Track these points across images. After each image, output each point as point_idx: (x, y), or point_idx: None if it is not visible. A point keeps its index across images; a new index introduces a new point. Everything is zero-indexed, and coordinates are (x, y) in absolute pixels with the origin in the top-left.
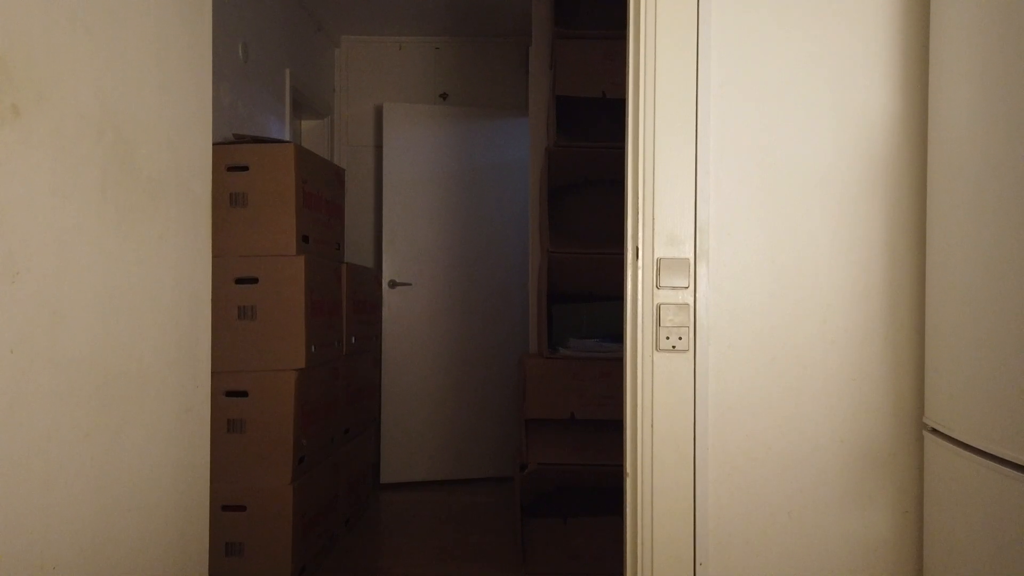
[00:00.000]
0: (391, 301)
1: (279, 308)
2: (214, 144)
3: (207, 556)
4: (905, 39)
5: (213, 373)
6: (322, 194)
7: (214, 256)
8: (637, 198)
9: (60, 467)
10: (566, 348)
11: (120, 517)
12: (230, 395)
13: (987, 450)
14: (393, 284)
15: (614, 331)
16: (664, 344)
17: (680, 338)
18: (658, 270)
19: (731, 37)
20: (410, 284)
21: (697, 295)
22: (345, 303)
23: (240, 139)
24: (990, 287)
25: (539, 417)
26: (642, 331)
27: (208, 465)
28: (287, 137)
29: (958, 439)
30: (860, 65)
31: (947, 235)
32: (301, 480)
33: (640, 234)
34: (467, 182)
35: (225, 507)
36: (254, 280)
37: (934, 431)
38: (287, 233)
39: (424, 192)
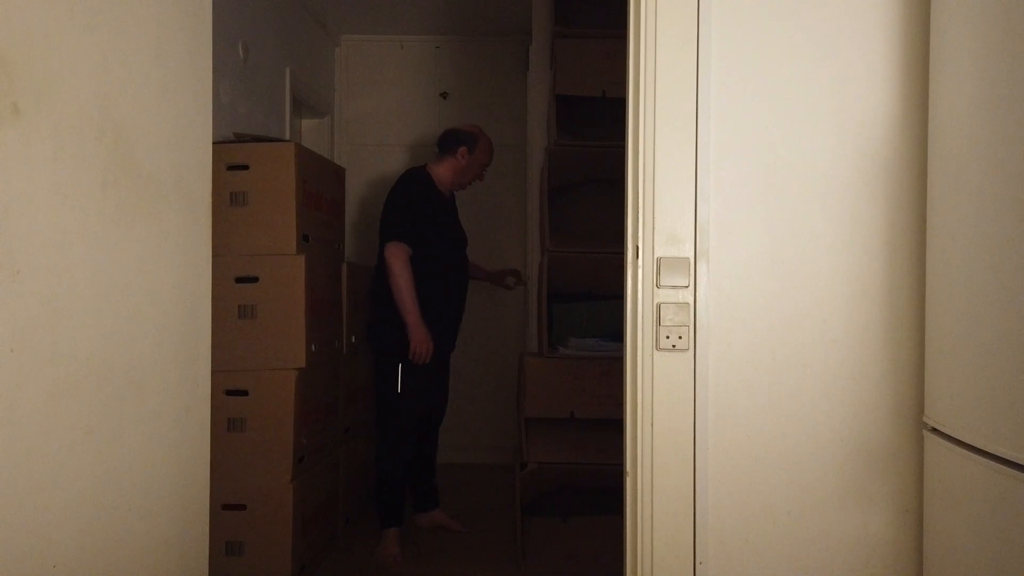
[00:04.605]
0: None
1: (279, 307)
2: (214, 143)
3: (207, 555)
4: (905, 39)
5: (213, 372)
6: (322, 193)
7: (214, 255)
8: (637, 197)
9: (60, 466)
10: (566, 347)
11: (120, 516)
12: (230, 394)
13: (987, 449)
14: None
15: (614, 330)
16: (664, 343)
17: (680, 337)
18: (658, 269)
19: (731, 37)
20: None
21: (697, 294)
22: (345, 302)
23: (240, 138)
24: (990, 287)
25: (539, 416)
26: (642, 330)
27: (208, 464)
28: (287, 136)
29: (958, 439)
30: (861, 65)
31: (947, 235)
32: (301, 479)
33: (640, 233)
34: None
35: (225, 506)
36: (254, 279)
37: (934, 430)
38: (287, 232)
39: None
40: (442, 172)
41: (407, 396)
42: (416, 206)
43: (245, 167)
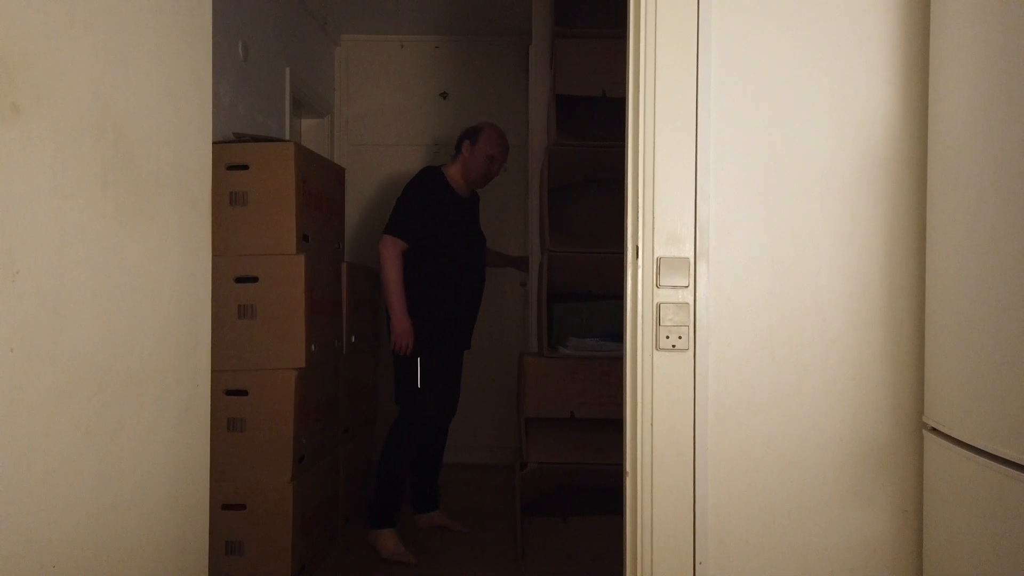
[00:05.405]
0: None
1: (279, 307)
2: (214, 143)
3: (207, 555)
4: (906, 39)
5: (213, 372)
6: (322, 193)
7: (214, 255)
8: (637, 197)
9: (60, 465)
10: (566, 347)
11: (120, 516)
12: (230, 394)
13: (987, 449)
14: None
15: (614, 330)
16: (664, 343)
17: (680, 337)
18: (658, 269)
19: (731, 37)
20: None
21: (697, 294)
22: (345, 302)
23: (240, 138)
24: (990, 287)
25: (539, 416)
26: (642, 330)
27: (208, 464)
28: (287, 136)
29: (958, 438)
30: (861, 64)
31: (947, 235)
32: (301, 479)
33: (640, 233)
34: None
35: (225, 506)
36: (254, 279)
37: (934, 430)
38: (287, 232)
39: None
40: (454, 171)
41: (423, 393)
42: (426, 205)
43: (245, 167)
